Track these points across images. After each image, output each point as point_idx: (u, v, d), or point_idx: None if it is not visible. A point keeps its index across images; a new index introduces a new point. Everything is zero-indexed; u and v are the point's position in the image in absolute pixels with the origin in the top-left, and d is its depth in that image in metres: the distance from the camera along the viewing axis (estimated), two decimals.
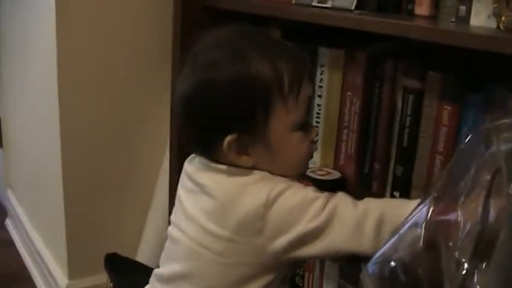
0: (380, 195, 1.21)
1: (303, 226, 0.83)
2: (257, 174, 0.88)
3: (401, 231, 0.63)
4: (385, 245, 0.65)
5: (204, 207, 0.89)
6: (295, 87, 0.86)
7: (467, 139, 0.65)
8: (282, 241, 0.84)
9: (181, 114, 0.92)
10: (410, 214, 0.63)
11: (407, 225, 0.62)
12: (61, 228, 1.85)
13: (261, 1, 1.41)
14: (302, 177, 0.99)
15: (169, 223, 1.01)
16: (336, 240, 0.84)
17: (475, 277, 0.52)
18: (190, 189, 0.94)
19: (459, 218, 0.56)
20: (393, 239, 0.64)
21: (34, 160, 2.17)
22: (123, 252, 1.86)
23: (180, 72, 0.92)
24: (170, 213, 1.59)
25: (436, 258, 0.57)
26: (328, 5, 1.18)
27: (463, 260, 0.53)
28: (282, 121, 0.86)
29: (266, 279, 0.89)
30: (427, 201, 0.61)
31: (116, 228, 1.91)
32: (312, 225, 0.83)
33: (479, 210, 0.55)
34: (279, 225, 0.84)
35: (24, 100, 2.21)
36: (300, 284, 1.38)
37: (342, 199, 0.87)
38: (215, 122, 0.87)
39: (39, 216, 2.21)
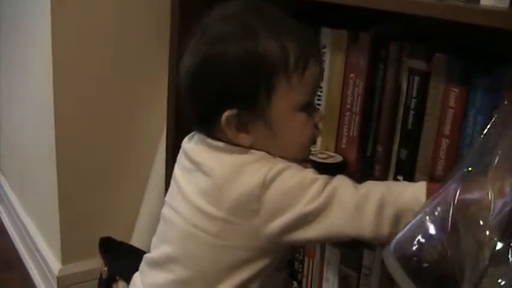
0: (382, 178, 1.19)
1: (300, 208, 0.81)
2: (256, 154, 0.86)
3: (427, 209, 0.60)
4: (409, 223, 0.62)
5: (201, 186, 0.88)
6: (301, 65, 0.85)
7: (495, 117, 0.62)
8: (278, 223, 0.83)
9: (185, 85, 0.90)
10: (438, 191, 0.61)
11: (434, 202, 0.60)
12: (54, 213, 1.82)
13: None
14: (303, 160, 0.96)
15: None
16: (334, 223, 0.82)
17: (509, 255, 0.50)
18: (187, 168, 0.92)
19: (490, 196, 0.53)
20: (418, 217, 0.61)
21: (26, 144, 2.14)
22: (118, 237, 1.84)
23: (177, 57, 0.91)
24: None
25: (465, 237, 0.55)
26: None
27: (495, 238, 0.51)
28: (285, 99, 0.85)
29: (260, 264, 0.88)
30: (455, 177, 0.59)
31: (110, 212, 1.88)
32: (309, 207, 0.81)
33: (508, 188, 0.53)
34: (276, 207, 0.82)
35: (17, 84, 2.17)
36: (300, 270, 1.37)
37: (342, 182, 0.85)
38: (217, 95, 0.86)
39: (31, 201, 2.18)
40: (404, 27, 1.13)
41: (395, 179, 1.17)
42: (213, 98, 0.86)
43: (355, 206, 0.81)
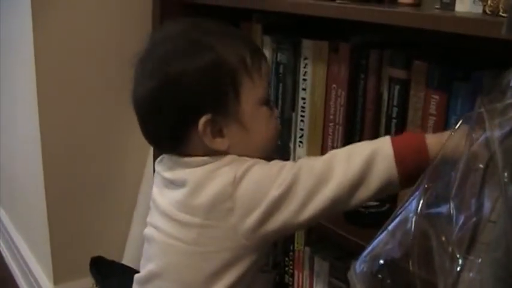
0: None
1: (272, 194, 0.82)
2: (225, 159, 0.88)
3: (390, 227, 0.59)
4: (373, 242, 0.61)
5: (175, 199, 0.89)
6: (257, 62, 0.90)
7: (457, 125, 0.62)
8: (254, 216, 0.83)
9: (146, 110, 0.91)
10: (399, 207, 0.60)
11: (396, 220, 0.59)
12: (45, 233, 1.81)
13: None
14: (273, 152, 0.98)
15: None
16: (305, 189, 0.82)
17: (471, 272, 0.49)
18: (162, 185, 0.94)
19: (452, 211, 0.53)
20: (381, 236, 0.60)
21: (16, 165, 2.13)
22: (109, 256, 1.83)
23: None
24: None
25: (427, 253, 0.54)
26: None
27: (458, 255, 0.50)
28: (251, 96, 0.89)
29: (243, 266, 0.88)
30: (416, 193, 0.58)
31: (101, 232, 1.87)
32: (280, 189, 0.82)
33: (473, 201, 0.52)
34: (249, 201, 0.83)
35: (2, 108, 2.17)
36: (290, 283, 1.36)
37: (306, 158, 0.91)
38: (186, 109, 0.87)
39: (22, 221, 2.17)
40: (383, 36, 1.13)
41: None
42: (183, 112, 0.87)
43: (322, 165, 0.83)
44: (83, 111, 1.74)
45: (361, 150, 0.83)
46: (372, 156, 0.81)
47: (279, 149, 0.96)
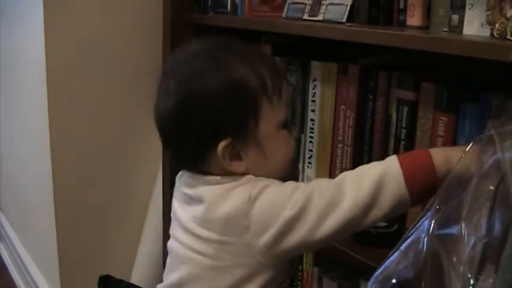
0: None
1: (286, 214, 0.83)
2: (242, 179, 0.89)
3: (402, 247, 0.60)
4: (385, 261, 0.62)
5: (194, 214, 0.91)
6: (277, 86, 0.90)
7: (469, 147, 0.62)
8: (268, 235, 0.84)
9: (169, 127, 0.92)
10: (411, 228, 0.61)
11: (408, 240, 0.60)
12: (53, 251, 1.82)
13: (251, 16, 1.39)
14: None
15: (164, 242, 1.01)
16: (318, 213, 0.83)
17: None
18: (182, 200, 0.95)
19: (463, 231, 0.53)
20: (394, 255, 0.61)
21: (25, 183, 2.14)
22: (117, 274, 1.83)
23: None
24: (164, 234, 1.57)
25: (439, 273, 0.54)
26: (319, 18, 1.17)
27: (469, 275, 0.51)
28: (270, 121, 0.89)
29: (259, 282, 0.89)
30: (428, 214, 0.59)
31: (109, 250, 1.88)
32: (293, 210, 0.83)
33: (484, 222, 0.52)
34: (264, 220, 0.84)
35: (14, 123, 2.18)
36: None
37: (318, 180, 0.92)
38: (207, 131, 0.88)
39: (31, 239, 2.18)
40: (392, 57, 1.14)
41: None
42: (204, 134, 0.88)
43: (334, 188, 0.85)
44: (93, 131, 1.75)
45: (370, 171, 0.84)
46: (382, 177, 0.82)
47: (296, 168, 0.97)
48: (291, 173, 0.96)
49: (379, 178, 0.82)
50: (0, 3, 2.14)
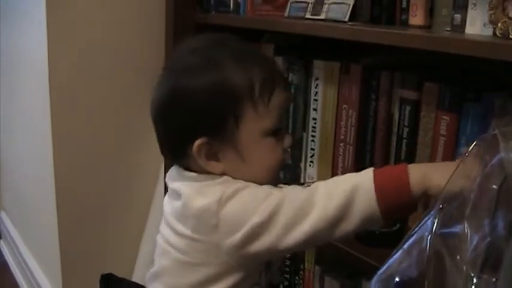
0: None
1: (254, 219, 0.82)
2: (221, 178, 0.88)
3: (405, 246, 0.60)
4: (388, 260, 0.62)
5: (174, 208, 0.91)
6: (266, 93, 0.87)
7: (472, 146, 0.62)
8: (236, 237, 0.83)
9: (155, 118, 0.92)
10: (415, 227, 0.61)
11: (412, 239, 0.60)
12: (55, 250, 1.82)
13: (253, 16, 1.40)
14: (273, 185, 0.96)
15: None
16: (286, 219, 0.82)
17: None
18: (168, 194, 0.96)
19: (466, 230, 0.53)
20: (397, 254, 0.61)
21: (27, 182, 2.15)
22: (119, 273, 1.84)
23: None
24: None
25: (442, 272, 0.54)
26: (322, 17, 1.17)
27: (472, 274, 0.51)
28: (252, 127, 0.87)
29: (228, 282, 0.88)
30: (432, 212, 0.59)
31: (111, 249, 1.88)
32: (262, 216, 0.82)
33: (487, 221, 0.52)
34: (233, 222, 0.84)
35: (16, 122, 2.19)
36: None
37: (292, 187, 0.89)
38: (186, 126, 0.88)
39: (33, 238, 2.18)
40: (395, 57, 1.14)
41: None
42: (182, 129, 0.88)
43: (305, 197, 0.83)
44: (95, 129, 1.75)
45: (343, 184, 0.82)
46: (353, 192, 0.80)
47: (279, 181, 0.94)
48: (275, 181, 0.93)
49: (350, 192, 0.80)
50: (2, 2, 2.14)
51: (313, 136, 1.29)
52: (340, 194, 0.81)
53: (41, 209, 1.96)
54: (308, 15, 1.22)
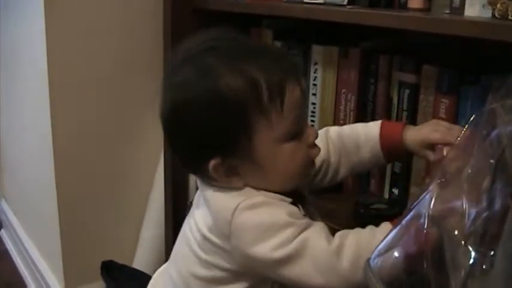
0: (378, 192, 1.20)
1: (267, 251, 0.76)
2: (244, 190, 0.81)
3: (404, 222, 0.60)
4: (387, 236, 0.62)
5: (200, 207, 0.87)
6: (277, 96, 0.76)
7: (470, 121, 0.62)
8: (245, 254, 0.78)
9: (165, 135, 0.86)
10: (413, 202, 0.61)
11: (410, 215, 0.60)
12: (56, 237, 1.82)
13: (251, 0, 1.39)
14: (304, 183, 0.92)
15: (166, 229, 0.99)
16: (305, 273, 0.76)
17: (484, 265, 0.50)
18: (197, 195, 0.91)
19: (464, 205, 0.54)
20: (395, 230, 0.62)
21: (27, 170, 2.15)
22: (120, 260, 1.84)
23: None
24: (166, 219, 1.57)
25: (441, 247, 0.55)
26: (320, 0, 1.17)
27: (470, 248, 0.51)
28: (266, 136, 0.77)
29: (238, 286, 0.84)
30: (430, 188, 0.59)
31: (112, 236, 1.88)
32: (278, 254, 0.76)
33: (485, 196, 0.53)
34: (243, 236, 0.78)
35: (17, 112, 2.19)
36: None
37: (316, 231, 0.78)
38: (194, 147, 0.80)
39: (34, 226, 2.19)
40: (393, 41, 1.14)
41: (390, 192, 1.17)
42: (191, 149, 0.81)
43: (329, 257, 0.75)
44: (96, 117, 1.75)
45: (367, 250, 0.71)
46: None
47: (310, 175, 0.89)
48: (305, 178, 0.87)
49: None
50: (2, 0, 2.14)
51: (312, 121, 1.29)
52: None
53: (41, 197, 1.96)
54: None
